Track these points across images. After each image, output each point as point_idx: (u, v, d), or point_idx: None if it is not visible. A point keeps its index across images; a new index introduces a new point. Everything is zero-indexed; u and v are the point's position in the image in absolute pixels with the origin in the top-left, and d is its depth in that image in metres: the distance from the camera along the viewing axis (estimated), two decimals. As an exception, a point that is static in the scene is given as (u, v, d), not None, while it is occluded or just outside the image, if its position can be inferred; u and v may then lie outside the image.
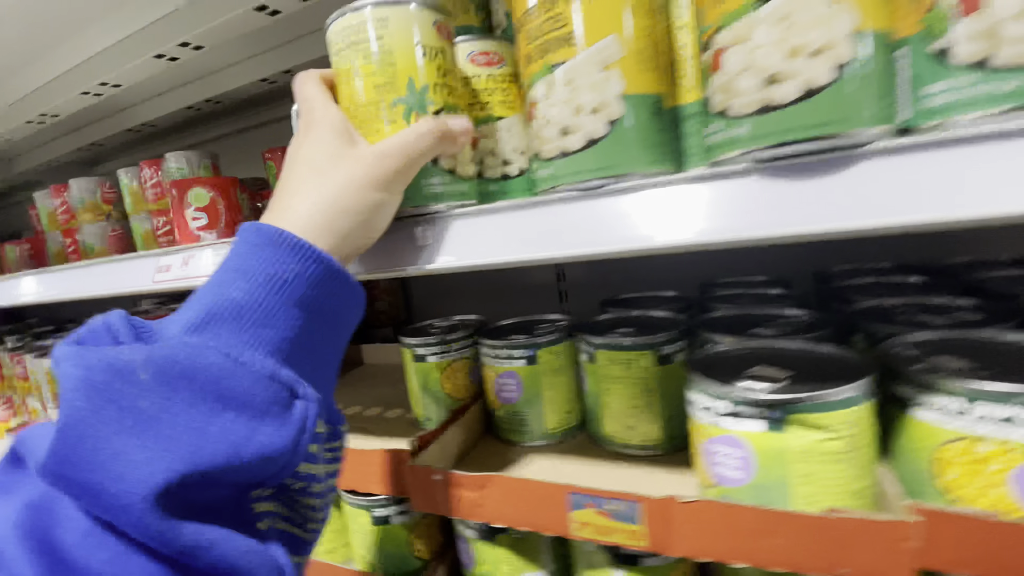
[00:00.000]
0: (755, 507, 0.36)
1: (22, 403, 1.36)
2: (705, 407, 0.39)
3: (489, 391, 0.62)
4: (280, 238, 0.30)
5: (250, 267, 0.30)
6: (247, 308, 0.29)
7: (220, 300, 0.29)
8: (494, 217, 0.40)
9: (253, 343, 0.28)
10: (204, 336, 0.28)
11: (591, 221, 0.36)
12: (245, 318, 0.28)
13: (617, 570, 0.46)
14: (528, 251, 0.38)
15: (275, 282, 0.29)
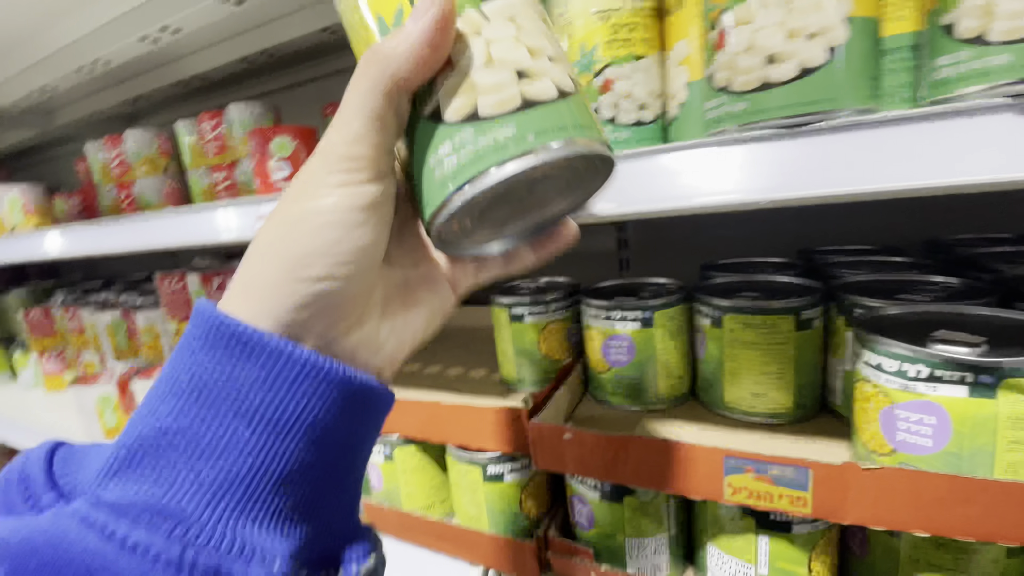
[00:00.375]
0: (953, 476, 0.34)
1: (76, 357, 1.37)
2: (894, 372, 0.36)
3: (594, 353, 0.60)
4: (232, 338, 0.21)
5: (185, 374, 0.21)
6: (183, 435, 0.20)
7: (146, 428, 0.20)
8: (660, 158, 0.37)
9: (180, 491, 0.19)
10: (116, 488, 0.20)
11: (799, 163, 0.33)
12: (173, 450, 0.20)
13: (761, 536, 0.44)
14: (705, 196, 0.35)
15: (221, 399, 0.20)
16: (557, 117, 0.21)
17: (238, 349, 0.20)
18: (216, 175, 1.04)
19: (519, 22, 0.22)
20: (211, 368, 0.20)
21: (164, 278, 1.02)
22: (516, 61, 0.22)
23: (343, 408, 0.22)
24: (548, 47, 0.23)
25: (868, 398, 0.39)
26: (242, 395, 0.20)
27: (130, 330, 1.15)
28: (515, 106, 0.21)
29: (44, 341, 1.42)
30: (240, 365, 0.20)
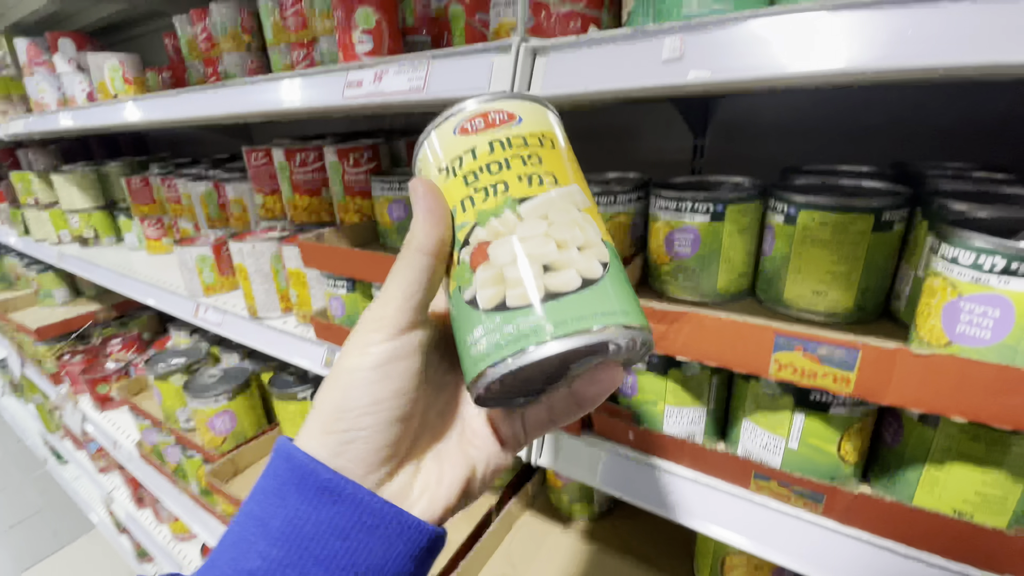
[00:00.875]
0: (1003, 365, 0.35)
1: (173, 224, 1.51)
2: (969, 264, 0.37)
3: (657, 245, 0.62)
4: (317, 485, 0.24)
5: (273, 522, 0.24)
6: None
7: (233, 572, 0.23)
8: (761, 22, 0.36)
9: None
10: None
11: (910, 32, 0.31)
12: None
13: (798, 413, 0.48)
14: (818, 61, 0.35)
15: (312, 549, 0.24)
16: (578, 307, 0.23)
17: (327, 496, 0.24)
18: (296, 52, 1.06)
19: (552, 217, 0.25)
20: (305, 514, 0.24)
21: (251, 152, 1.10)
22: (543, 256, 0.24)
23: (414, 557, 0.26)
24: (579, 236, 0.25)
25: (935, 292, 0.40)
26: (327, 546, 0.24)
27: (221, 201, 1.25)
28: (538, 298, 0.23)
29: (144, 208, 1.57)
30: (327, 511, 0.24)
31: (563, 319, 0.23)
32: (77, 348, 1.91)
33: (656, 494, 0.56)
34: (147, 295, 1.29)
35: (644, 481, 0.57)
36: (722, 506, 0.52)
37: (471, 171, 0.26)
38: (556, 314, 0.23)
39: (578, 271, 0.24)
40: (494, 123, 0.27)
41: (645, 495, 0.57)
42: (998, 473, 0.41)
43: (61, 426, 2.34)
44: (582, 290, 0.23)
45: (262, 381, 1.23)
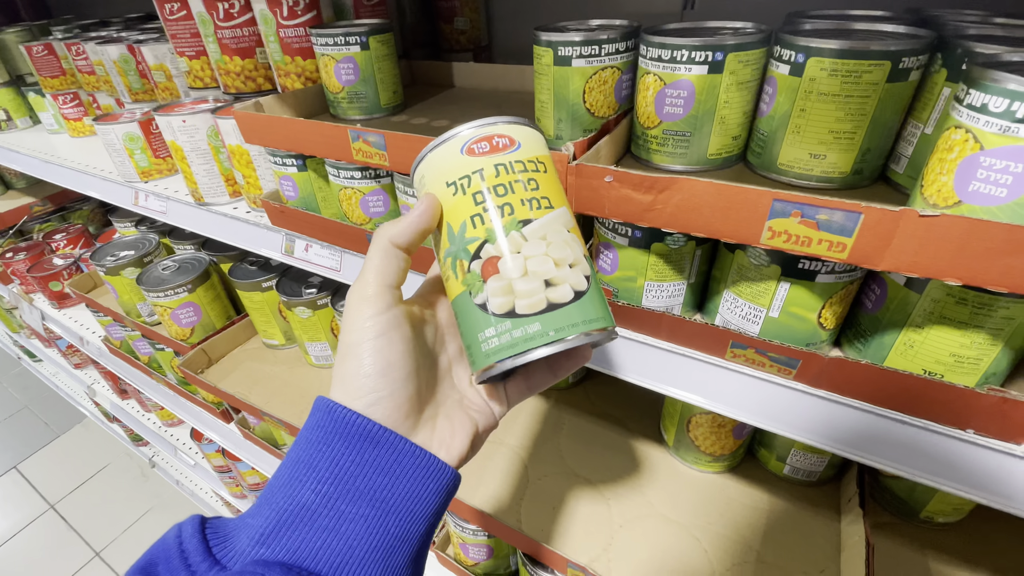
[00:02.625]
0: (1011, 225, 0.33)
1: (92, 100, 1.32)
2: (998, 112, 0.32)
3: (645, 105, 0.55)
4: (358, 431, 0.29)
5: (321, 464, 0.28)
6: (319, 513, 0.27)
7: (289, 502, 0.27)
8: None
9: (325, 550, 0.27)
10: (273, 548, 0.26)
11: None
12: (317, 525, 0.27)
13: (783, 283, 0.46)
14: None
15: (348, 481, 0.28)
16: (572, 316, 0.30)
17: (368, 442, 0.29)
18: None
19: (549, 238, 0.31)
20: (349, 457, 0.28)
21: (163, 3, 0.91)
22: (545, 272, 0.30)
23: (440, 492, 0.31)
24: (570, 255, 0.31)
25: (953, 147, 0.36)
26: (369, 481, 0.28)
27: (140, 68, 1.07)
28: (542, 308, 0.30)
29: (54, 82, 1.36)
30: (369, 453, 0.28)
31: (561, 326, 0.30)
32: (18, 245, 1.77)
33: (634, 366, 0.57)
34: (79, 184, 1.16)
35: (623, 354, 0.57)
36: (698, 374, 0.53)
37: (479, 191, 0.31)
38: (555, 322, 0.30)
39: (571, 286, 0.31)
40: (498, 147, 0.32)
41: (623, 367, 0.57)
42: (977, 335, 0.41)
43: (24, 325, 2.28)
44: (574, 301, 0.30)
45: (223, 271, 1.17)
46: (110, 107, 1.27)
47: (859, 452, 0.48)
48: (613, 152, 0.58)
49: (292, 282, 1.05)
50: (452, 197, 0.32)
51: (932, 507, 0.68)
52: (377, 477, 0.28)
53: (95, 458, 2.32)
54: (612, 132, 0.56)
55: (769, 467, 0.80)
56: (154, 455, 2.18)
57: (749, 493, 0.77)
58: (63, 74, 1.35)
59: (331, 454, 0.28)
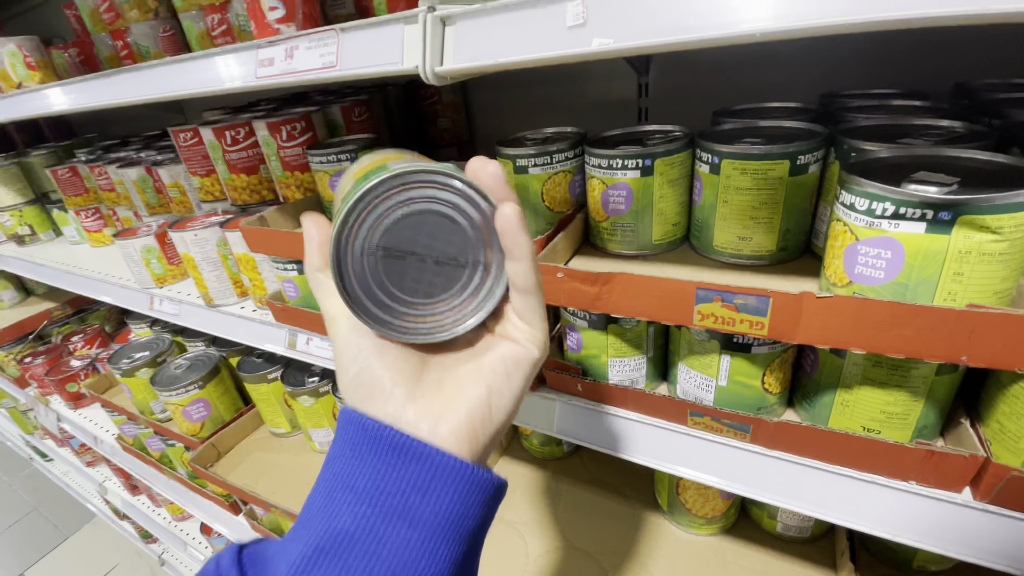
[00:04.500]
0: (892, 302, 0.38)
1: (112, 213, 1.45)
2: (864, 210, 0.39)
3: (594, 202, 0.63)
4: (399, 450, 0.26)
5: (358, 482, 0.26)
6: (359, 539, 0.25)
7: (328, 528, 0.25)
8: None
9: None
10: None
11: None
12: (356, 551, 0.25)
13: (725, 355, 0.51)
14: (710, 28, 0.35)
15: (385, 501, 0.26)
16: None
17: (405, 457, 0.26)
18: (210, 18, 0.98)
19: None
20: (383, 474, 0.26)
21: (178, 133, 1.04)
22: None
23: (484, 504, 0.28)
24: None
25: (838, 236, 0.42)
26: (409, 501, 0.26)
27: (156, 186, 1.19)
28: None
29: (77, 199, 1.49)
30: (406, 469, 0.26)
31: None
32: (38, 349, 1.86)
33: (607, 436, 0.61)
34: (98, 291, 1.26)
35: (596, 426, 0.61)
36: (664, 442, 0.57)
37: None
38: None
39: None
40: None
41: (597, 439, 0.61)
42: (899, 394, 0.45)
43: (39, 426, 2.32)
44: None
45: (231, 365, 1.23)
46: (129, 219, 1.39)
47: (818, 509, 0.51)
48: (572, 243, 0.66)
49: (296, 372, 1.11)
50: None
51: (923, 556, 0.69)
52: (415, 496, 0.26)
53: (104, 559, 2.28)
54: (568, 227, 0.64)
55: (763, 525, 0.81)
56: (163, 552, 2.14)
57: (745, 554, 0.78)
58: (86, 192, 1.49)
59: (367, 471, 0.26)
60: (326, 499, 0.26)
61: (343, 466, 0.27)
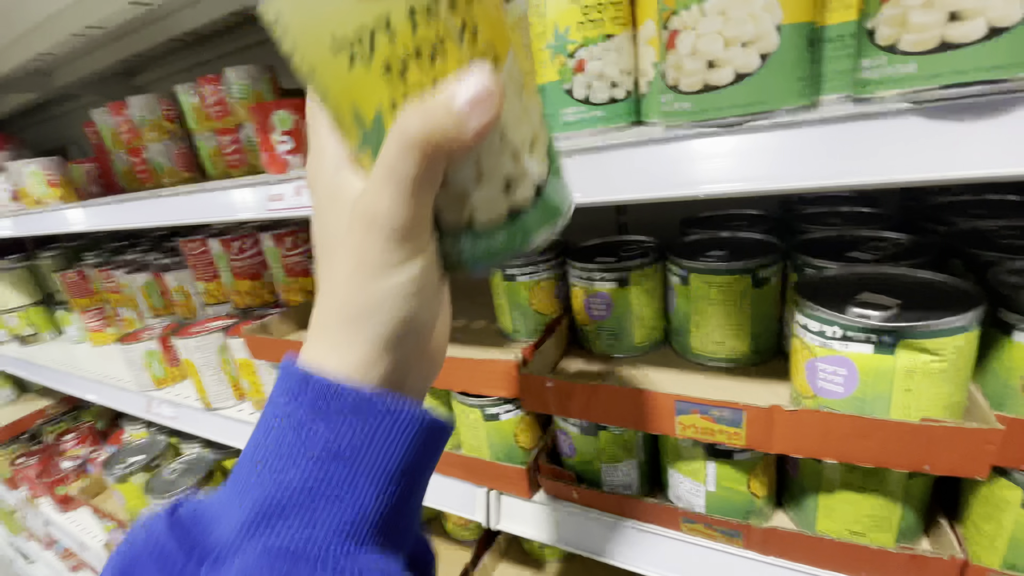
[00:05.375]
0: (853, 416, 0.41)
1: (115, 314, 1.49)
2: (816, 332, 0.43)
3: (578, 309, 0.67)
4: (338, 399, 0.24)
5: (303, 438, 0.24)
6: (307, 492, 0.23)
7: (275, 487, 0.23)
8: (625, 152, 0.41)
9: (322, 535, 0.23)
10: (265, 537, 0.23)
11: (729, 159, 0.37)
12: (306, 505, 0.23)
13: (710, 462, 0.53)
14: (657, 189, 0.40)
15: (341, 453, 0.24)
16: (538, 217, 0.26)
17: (360, 415, 0.24)
18: (222, 139, 1.07)
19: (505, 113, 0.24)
20: (334, 432, 0.24)
21: (187, 243, 1.10)
22: (504, 170, 0.24)
23: (426, 445, 0.26)
24: (528, 134, 0.25)
25: (797, 351, 0.46)
26: (358, 452, 0.24)
27: (162, 290, 1.24)
28: (504, 218, 0.25)
29: (82, 301, 1.53)
30: (352, 424, 0.24)
31: (526, 232, 0.27)
32: (30, 449, 1.82)
33: (603, 544, 0.61)
34: (95, 393, 1.27)
35: (591, 534, 0.61)
36: (661, 550, 0.57)
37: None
38: (521, 229, 0.26)
39: (532, 182, 0.26)
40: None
41: (594, 547, 0.61)
42: (878, 497, 0.47)
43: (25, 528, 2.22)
44: (535, 204, 0.26)
45: (226, 468, 1.22)
46: (131, 320, 1.42)
47: (818, 618, 0.50)
48: (560, 346, 0.69)
49: (292, 471, 1.10)
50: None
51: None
52: (369, 446, 0.24)
53: None
54: (556, 331, 0.68)
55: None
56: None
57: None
58: (91, 294, 1.54)
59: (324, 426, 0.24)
60: (262, 457, 0.25)
61: (279, 423, 0.25)
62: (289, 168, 0.78)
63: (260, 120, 0.78)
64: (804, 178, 0.34)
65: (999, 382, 0.43)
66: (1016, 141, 0.29)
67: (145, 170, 1.24)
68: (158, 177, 1.22)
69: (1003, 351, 0.42)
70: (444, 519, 1.04)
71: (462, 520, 1.00)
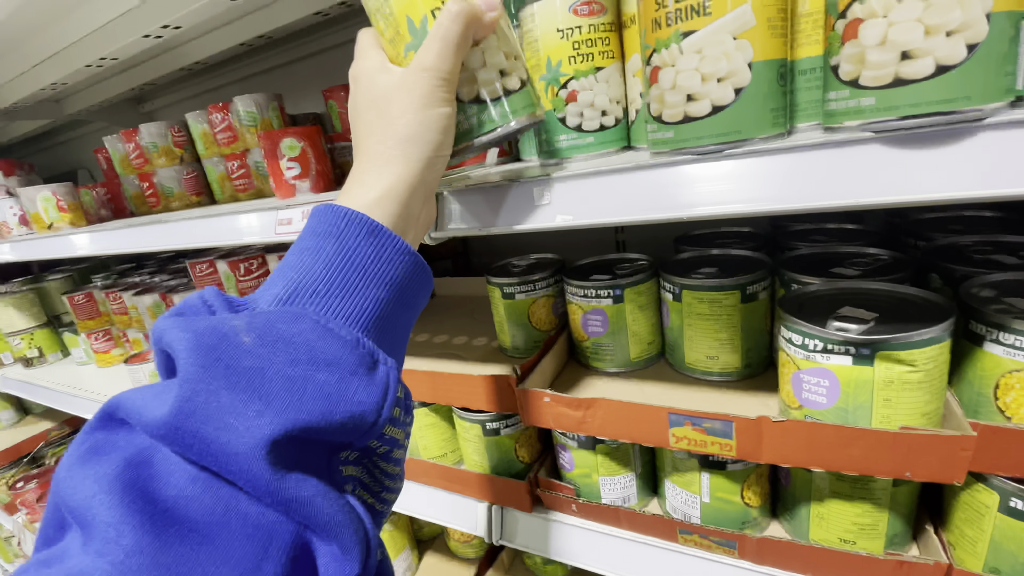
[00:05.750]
0: (835, 426, 0.43)
1: (122, 335, 1.51)
2: (799, 345, 0.45)
3: (575, 325, 0.69)
4: (360, 225, 0.33)
5: (325, 249, 0.32)
6: (330, 284, 0.31)
7: (305, 276, 0.31)
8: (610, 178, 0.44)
9: (336, 314, 0.31)
10: (290, 307, 0.30)
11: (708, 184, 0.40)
12: (328, 293, 0.31)
13: (704, 473, 0.55)
14: (644, 212, 0.43)
15: (355, 264, 0.32)
16: (521, 101, 0.41)
17: (374, 237, 0.33)
18: (230, 164, 1.11)
19: (500, 31, 0.40)
20: (354, 248, 0.33)
21: (196, 264, 1.13)
22: (500, 64, 0.40)
23: (419, 285, 0.36)
24: (516, 47, 0.41)
25: (784, 364, 0.48)
26: (368, 266, 0.33)
27: (168, 310, 1.27)
28: (498, 95, 0.40)
29: (90, 323, 1.56)
30: (370, 246, 0.33)
31: (515, 109, 0.42)
32: (30, 473, 1.82)
33: (603, 557, 0.62)
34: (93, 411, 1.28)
35: (591, 547, 0.62)
36: (659, 562, 0.58)
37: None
38: (511, 105, 0.42)
39: (519, 77, 0.42)
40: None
41: (593, 560, 0.62)
42: (865, 504, 0.49)
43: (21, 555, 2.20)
44: (521, 90, 0.42)
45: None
46: (138, 341, 1.44)
47: (812, 626, 0.51)
48: (558, 361, 0.71)
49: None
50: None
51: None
52: (377, 263, 0.33)
53: None
54: (554, 347, 0.70)
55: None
56: None
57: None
58: (99, 316, 1.56)
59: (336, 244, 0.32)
60: (297, 262, 0.33)
61: (312, 240, 0.33)
62: (296, 192, 0.81)
63: (269, 148, 0.81)
64: (776, 201, 0.37)
65: (973, 391, 0.45)
66: (965, 167, 0.32)
67: (154, 194, 1.27)
68: (167, 201, 1.25)
69: (975, 361, 0.44)
70: (448, 536, 1.04)
71: (465, 537, 1.00)
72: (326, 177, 0.82)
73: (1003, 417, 0.44)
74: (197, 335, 0.26)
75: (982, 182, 0.32)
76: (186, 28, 1.09)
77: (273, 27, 1.12)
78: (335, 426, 0.27)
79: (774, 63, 0.39)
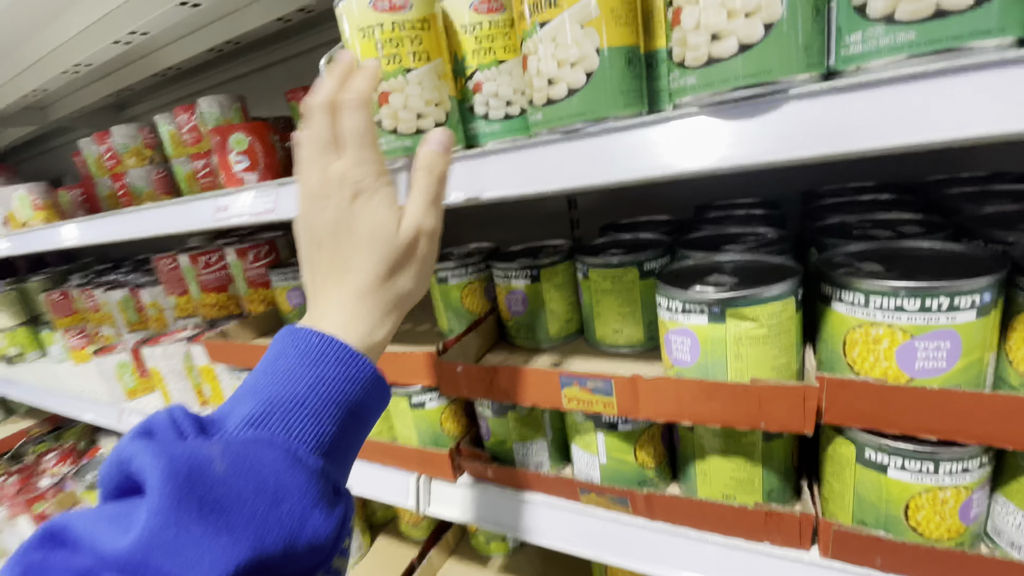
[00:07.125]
0: (697, 380, 0.47)
1: (96, 332, 1.55)
2: (667, 307, 0.49)
3: (501, 305, 0.74)
4: (328, 351, 0.35)
5: (299, 372, 0.33)
6: (302, 407, 0.32)
7: (274, 399, 0.32)
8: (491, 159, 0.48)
9: (303, 439, 0.32)
10: (261, 431, 0.31)
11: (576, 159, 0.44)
12: (296, 416, 0.32)
13: (599, 433, 0.58)
14: (519, 186, 0.47)
15: (322, 387, 0.33)
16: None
17: (344, 363, 0.35)
18: (196, 163, 1.16)
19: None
20: (332, 376, 0.34)
21: (160, 259, 1.17)
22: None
23: (379, 402, 0.38)
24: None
25: (659, 327, 0.52)
26: (337, 390, 0.34)
27: (138, 305, 1.31)
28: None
29: (65, 320, 1.60)
30: (335, 370, 0.34)
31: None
32: (11, 469, 1.85)
33: (518, 520, 0.65)
34: (69, 407, 1.32)
35: (507, 511, 0.66)
36: (564, 521, 0.62)
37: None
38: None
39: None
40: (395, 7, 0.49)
41: (510, 523, 0.66)
42: (739, 460, 0.52)
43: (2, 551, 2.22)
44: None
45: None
46: (110, 337, 1.48)
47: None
48: (486, 340, 0.75)
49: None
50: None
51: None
52: (354, 396, 0.35)
53: None
54: (480, 327, 0.74)
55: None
56: None
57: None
58: (74, 313, 1.60)
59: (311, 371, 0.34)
60: (266, 382, 0.34)
61: (282, 361, 0.35)
62: (244, 184, 0.86)
63: (219, 143, 0.86)
64: (595, 176, 0.42)
65: (828, 349, 0.49)
66: (778, 133, 0.36)
67: (126, 194, 1.32)
68: (138, 200, 1.30)
69: (827, 321, 0.48)
70: (399, 520, 1.08)
71: (415, 519, 1.03)
72: (274, 170, 0.87)
73: (852, 371, 0.47)
74: (172, 463, 0.26)
75: (782, 147, 0.37)
76: (155, 34, 1.14)
77: (239, 33, 1.17)
78: (294, 556, 0.28)
79: (623, 49, 0.43)
